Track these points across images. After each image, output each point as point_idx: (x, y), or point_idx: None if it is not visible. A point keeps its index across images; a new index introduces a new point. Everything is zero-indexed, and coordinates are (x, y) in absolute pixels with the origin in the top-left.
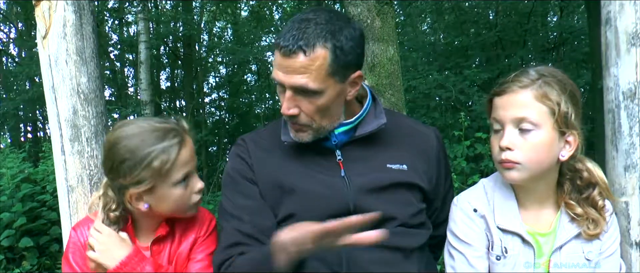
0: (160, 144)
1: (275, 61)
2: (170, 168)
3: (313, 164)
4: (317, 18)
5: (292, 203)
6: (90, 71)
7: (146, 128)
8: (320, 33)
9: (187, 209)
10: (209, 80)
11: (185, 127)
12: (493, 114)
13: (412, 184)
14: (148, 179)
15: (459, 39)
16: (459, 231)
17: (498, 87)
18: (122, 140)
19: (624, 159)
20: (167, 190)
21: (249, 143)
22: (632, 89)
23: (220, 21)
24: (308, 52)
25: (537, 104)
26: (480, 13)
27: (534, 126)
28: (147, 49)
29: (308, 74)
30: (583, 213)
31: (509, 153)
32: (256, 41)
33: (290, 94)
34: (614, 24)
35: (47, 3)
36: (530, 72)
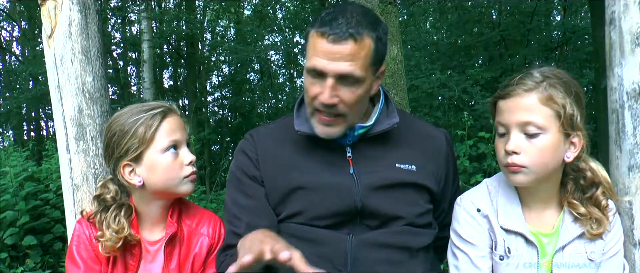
0: (145, 115)
1: (315, 48)
2: (154, 133)
3: (322, 160)
4: (356, 10)
5: (299, 199)
6: (95, 70)
7: (135, 106)
8: (366, 24)
9: (179, 182)
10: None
11: (172, 107)
12: (498, 117)
13: (421, 185)
14: (135, 145)
15: (462, 39)
16: (462, 231)
17: (502, 90)
18: (114, 120)
19: (627, 159)
20: (155, 156)
21: (256, 137)
22: (637, 89)
23: (223, 20)
24: (358, 40)
25: (543, 107)
26: (483, 12)
27: (539, 129)
28: (150, 47)
29: (355, 61)
30: (586, 212)
31: (515, 157)
32: (259, 39)
33: (333, 83)
34: (618, 24)
35: (53, 2)
36: (535, 75)
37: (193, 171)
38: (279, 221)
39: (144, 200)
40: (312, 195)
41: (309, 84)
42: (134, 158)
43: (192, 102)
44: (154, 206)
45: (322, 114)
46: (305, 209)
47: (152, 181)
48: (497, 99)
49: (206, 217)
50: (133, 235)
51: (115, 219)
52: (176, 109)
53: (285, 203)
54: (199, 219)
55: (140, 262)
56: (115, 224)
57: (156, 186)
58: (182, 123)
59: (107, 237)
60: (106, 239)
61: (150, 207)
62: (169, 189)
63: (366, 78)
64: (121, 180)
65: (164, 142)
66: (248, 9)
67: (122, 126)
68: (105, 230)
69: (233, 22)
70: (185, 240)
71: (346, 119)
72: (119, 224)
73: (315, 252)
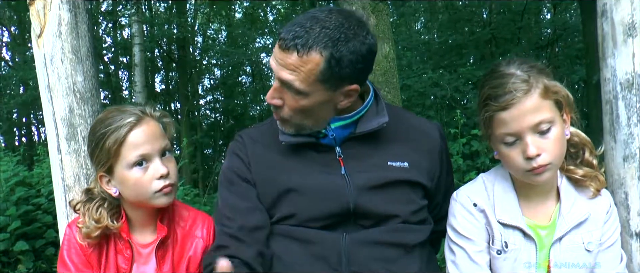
0: (114, 124)
1: (274, 47)
2: (120, 147)
3: (313, 162)
4: (327, 20)
5: (291, 202)
6: (85, 69)
7: (112, 111)
8: (322, 39)
9: (151, 196)
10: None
11: (150, 112)
12: (501, 129)
13: (414, 182)
14: (104, 159)
15: (453, 38)
16: (459, 226)
17: (497, 102)
18: (92, 128)
19: (622, 150)
20: (123, 171)
21: (247, 139)
22: (630, 79)
23: (214, 23)
24: (301, 53)
25: (544, 101)
26: (473, 11)
27: (550, 123)
28: (141, 51)
29: (297, 73)
30: (584, 173)
31: (539, 159)
32: (250, 42)
33: (277, 85)
34: (610, 15)
35: (42, 2)
36: (517, 73)
37: (165, 184)
38: (271, 223)
39: (128, 206)
40: (304, 198)
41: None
42: (107, 170)
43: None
44: (139, 213)
45: (274, 111)
46: (298, 211)
47: (125, 194)
48: (494, 112)
49: (200, 219)
50: (114, 226)
51: (97, 210)
52: (152, 114)
53: (277, 206)
54: (192, 221)
55: (132, 265)
56: (95, 214)
57: (130, 199)
58: (158, 129)
59: (86, 225)
60: (84, 226)
61: (136, 213)
62: (143, 202)
63: (311, 92)
64: (100, 189)
65: (130, 157)
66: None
67: (94, 136)
68: (86, 218)
69: (224, 25)
70: (179, 242)
71: (291, 124)
72: (99, 214)
73: (310, 252)
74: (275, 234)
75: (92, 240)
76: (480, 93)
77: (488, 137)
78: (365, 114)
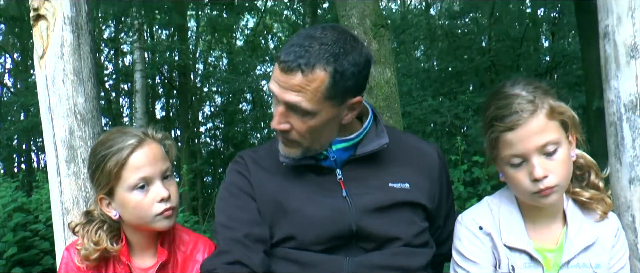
0: (116, 146)
1: (273, 72)
2: (121, 170)
3: (313, 184)
4: (323, 37)
5: (291, 224)
6: (87, 91)
7: (114, 133)
8: (323, 55)
9: (152, 219)
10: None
11: (152, 134)
12: (507, 150)
13: (415, 203)
14: (105, 181)
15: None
16: (464, 250)
17: (503, 122)
18: (93, 149)
19: (628, 172)
20: (123, 194)
21: (248, 160)
22: (634, 101)
23: (215, 50)
24: (306, 73)
25: (551, 122)
26: (473, 39)
27: (556, 144)
28: (143, 78)
29: (303, 94)
30: (591, 196)
31: (546, 180)
32: (251, 70)
33: (283, 110)
34: (612, 37)
35: (45, 23)
36: (522, 94)
37: (166, 207)
38: (271, 245)
39: (128, 229)
40: (305, 220)
41: (274, 105)
42: (107, 193)
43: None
44: (140, 236)
45: (281, 136)
46: (298, 234)
47: (125, 217)
48: (500, 133)
49: (201, 242)
50: (113, 248)
51: (96, 232)
52: (153, 136)
53: (277, 228)
54: (193, 244)
55: None
56: (95, 236)
57: (130, 222)
58: (160, 152)
59: (85, 246)
60: (83, 248)
61: (136, 236)
62: (143, 225)
63: (319, 111)
64: (100, 211)
65: (131, 180)
66: (240, 39)
67: (94, 158)
68: (85, 240)
69: (225, 52)
70: (180, 266)
71: (301, 146)
72: (98, 236)
73: None
74: (275, 257)
75: (90, 263)
76: (486, 114)
77: (494, 159)
78: (365, 135)
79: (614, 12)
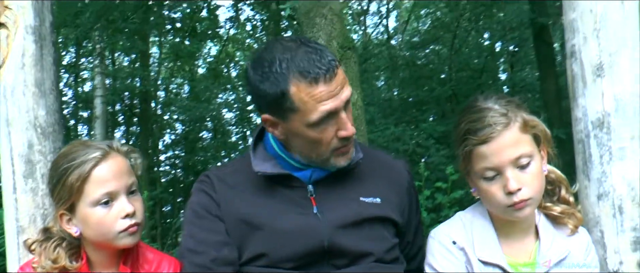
0: (78, 159)
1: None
2: (83, 184)
3: (283, 200)
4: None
5: (262, 241)
6: (49, 104)
7: (76, 145)
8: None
9: (115, 236)
10: (165, 137)
11: (117, 147)
12: (481, 164)
13: (386, 218)
14: (66, 196)
15: (415, 94)
16: (438, 265)
17: (477, 135)
18: (53, 163)
19: (596, 188)
20: (85, 209)
21: (214, 178)
22: (600, 118)
23: (177, 78)
24: (338, 65)
25: (523, 135)
26: (434, 69)
27: (529, 157)
28: (103, 103)
29: (347, 82)
30: (562, 210)
31: (520, 193)
32: (213, 98)
33: (347, 114)
34: (579, 57)
35: (6, 31)
36: (495, 108)
37: (131, 224)
38: (241, 264)
39: (89, 247)
40: (276, 237)
41: (319, 133)
42: (68, 208)
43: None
44: (101, 254)
45: (343, 149)
46: (269, 251)
47: (87, 234)
48: (474, 146)
49: (166, 261)
50: (72, 267)
51: (54, 249)
52: (119, 149)
53: (246, 246)
54: (158, 263)
55: None
56: (52, 253)
57: (92, 239)
58: (126, 165)
59: (42, 264)
60: (40, 266)
61: (98, 254)
62: (106, 243)
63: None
64: (59, 228)
65: (94, 195)
66: (202, 67)
67: (55, 171)
68: (42, 258)
69: (187, 80)
70: None
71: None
72: (56, 254)
73: None
74: None
75: None
76: (458, 128)
77: (467, 173)
78: None
79: (580, 31)
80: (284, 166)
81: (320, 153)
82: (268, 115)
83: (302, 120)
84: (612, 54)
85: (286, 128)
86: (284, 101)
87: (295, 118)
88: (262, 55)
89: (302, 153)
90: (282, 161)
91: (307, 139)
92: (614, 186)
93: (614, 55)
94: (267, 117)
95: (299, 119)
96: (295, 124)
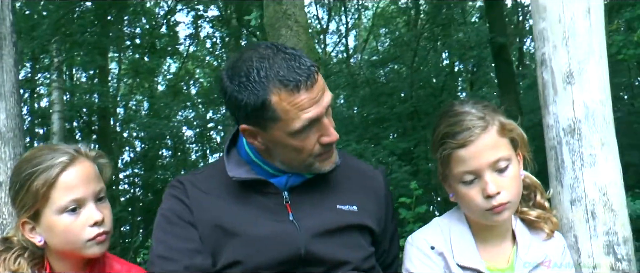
0: (44, 164)
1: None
2: (49, 190)
3: (258, 206)
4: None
5: (236, 248)
6: (9, 107)
7: (42, 149)
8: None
9: (83, 245)
10: (124, 155)
11: (85, 151)
12: (460, 167)
13: (363, 226)
14: (30, 203)
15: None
16: (416, 271)
17: (455, 139)
18: (16, 168)
19: (569, 194)
20: (51, 217)
21: (187, 184)
22: (572, 125)
23: (136, 94)
24: (317, 72)
25: (501, 139)
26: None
27: (507, 160)
28: (61, 119)
29: (326, 87)
30: (538, 215)
31: (499, 197)
32: (173, 115)
33: (328, 119)
34: (549, 65)
35: None
36: (472, 112)
37: (100, 232)
38: (216, 272)
39: (53, 256)
40: (251, 245)
41: (301, 141)
42: (32, 216)
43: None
44: (66, 264)
45: (326, 154)
46: (244, 259)
47: (52, 243)
48: (452, 149)
49: (135, 271)
50: None
51: (15, 260)
52: (87, 153)
53: (221, 253)
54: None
55: None
56: (14, 264)
57: (58, 248)
58: (93, 171)
59: None
60: None
61: (62, 264)
62: (71, 250)
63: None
64: (22, 237)
65: (61, 201)
66: (162, 84)
67: (18, 177)
68: (2, 270)
69: (147, 97)
70: None
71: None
72: (18, 265)
73: None
74: None
75: None
76: (436, 133)
77: (444, 178)
78: None
79: (549, 40)
80: (258, 172)
81: (302, 159)
82: (247, 125)
83: (284, 129)
84: (581, 62)
85: (267, 137)
86: (265, 111)
87: (276, 127)
88: (238, 64)
89: (283, 161)
90: (256, 167)
91: (289, 148)
92: (586, 191)
93: (582, 63)
94: (246, 127)
95: (281, 128)
96: (277, 133)
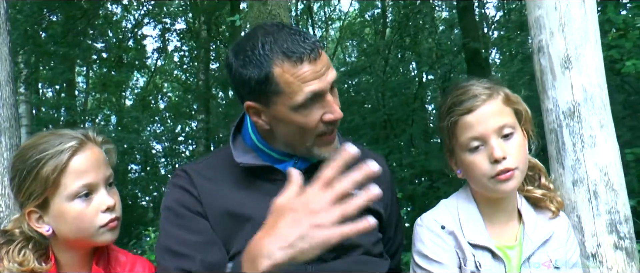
0: (53, 149)
1: (300, 77)
2: (60, 176)
3: (266, 193)
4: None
5: (247, 234)
6: (4, 96)
7: (47, 135)
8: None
9: (95, 232)
10: None
11: (92, 136)
12: (467, 134)
13: (372, 209)
14: (38, 191)
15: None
16: (428, 251)
17: (462, 106)
18: (18, 155)
19: (571, 175)
20: (61, 204)
21: (192, 173)
22: (571, 108)
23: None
24: (321, 47)
25: (506, 107)
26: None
27: (512, 128)
28: (28, 134)
29: (331, 65)
30: (543, 193)
31: (505, 162)
32: (141, 130)
33: (333, 97)
34: (547, 51)
35: None
36: (477, 85)
37: (112, 218)
38: (229, 259)
39: (60, 247)
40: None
41: (304, 117)
42: (40, 204)
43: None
44: (72, 254)
45: (328, 136)
46: None
47: (62, 232)
48: (460, 116)
49: (140, 263)
50: (41, 269)
51: (20, 251)
52: (95, 138)
53: (234, 240)
54: (131, 265)
55: None
56: (19, 256)
57: (68, 237)
58: (102, 156)
59: (7, 268)
60: (6, 269)
61: (69, 254)
62: (83, 240)
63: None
64: (28, 228)
65: (72, 187)
66: (130, 99)
67: (24, 164)
68: (6, 262)
69: (114, 111)
70: None
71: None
72: (23, 256)
73: None
74: None
75: None
76: (444, 106)
77: (451, 152)
78: None
79: (546, 27)
80: (264, 159)
81: (305, 139)
82: (251, 102)
83: (287, 103)
84: (578, 47)
85: (270, 114)
86: (268, 84)
87: (279, 101)
88: (244, 41)
89: (286, 141)
90: (262, 154)
91: (292, 125)
92: (588, 172)
93: (579, 48)
94: (251, 104)
95: (284, 102)
96: (280, 108)
